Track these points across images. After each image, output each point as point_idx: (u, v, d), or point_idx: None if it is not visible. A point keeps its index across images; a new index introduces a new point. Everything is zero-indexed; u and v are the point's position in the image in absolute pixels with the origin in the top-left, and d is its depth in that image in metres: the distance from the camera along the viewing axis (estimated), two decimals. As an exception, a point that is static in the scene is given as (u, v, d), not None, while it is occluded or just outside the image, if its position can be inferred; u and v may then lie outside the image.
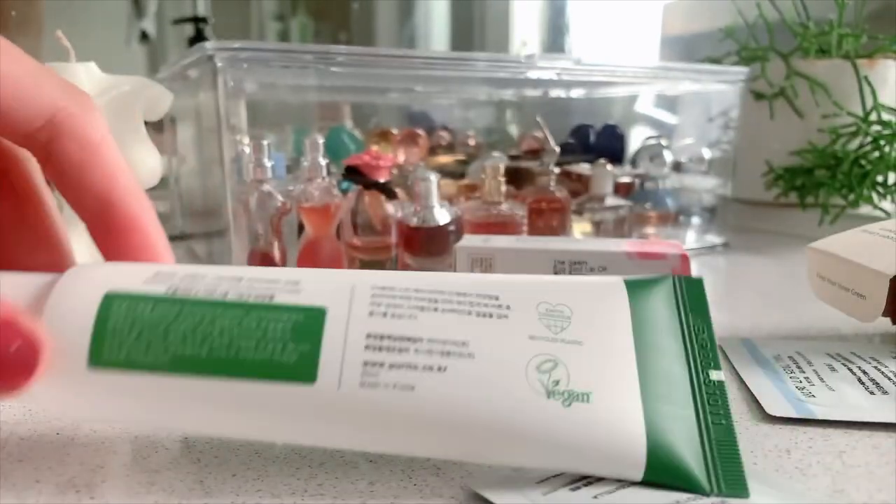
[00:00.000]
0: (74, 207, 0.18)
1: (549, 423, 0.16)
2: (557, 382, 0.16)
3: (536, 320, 0.17)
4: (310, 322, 0.16)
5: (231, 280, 0.17)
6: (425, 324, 0.16)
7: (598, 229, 0.47)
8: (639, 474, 0.16)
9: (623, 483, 0.16)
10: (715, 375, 0.17)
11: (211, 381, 0.15)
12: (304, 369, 0.15)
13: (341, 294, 0.17)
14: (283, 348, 0.16)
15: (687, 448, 0.16)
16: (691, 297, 0.19)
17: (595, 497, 0.15)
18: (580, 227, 0.47)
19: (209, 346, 0.16)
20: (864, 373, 0.24)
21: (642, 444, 0.16)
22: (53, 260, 0.19)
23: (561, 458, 0.16)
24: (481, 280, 0.18)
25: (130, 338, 0.16)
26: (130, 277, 0.17)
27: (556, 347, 0.17)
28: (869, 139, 0.51)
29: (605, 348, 0.17)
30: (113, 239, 0.18)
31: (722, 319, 0.34)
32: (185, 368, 0.15)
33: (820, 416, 0.21)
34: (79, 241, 0.21)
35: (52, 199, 0.20)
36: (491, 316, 0.17)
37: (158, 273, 0.17)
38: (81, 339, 0.16)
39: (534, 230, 0.44)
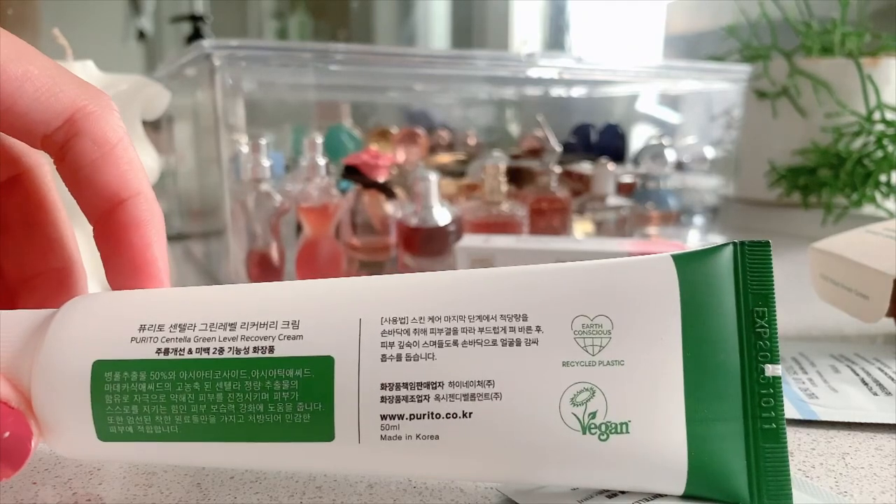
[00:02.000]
0: (84, 208, 0.17)
1: (586, 461, 0.15)
2: (594, 415, 0.15)
3: (571, 341, 0.15)
4: (318, 377, 0.15)
5: (223, 329, 0.15)
6: (445, 364, 0.15)
7: (600, 229, 0.47)
8: (679, 491, 0.15)
9: (662, 494, 0.16)
10: (771, 371, 0.15)
11: (225, 445, 0.15)
12: (319, 430, 0.15)
13: (348, 336, 0.15)
14: (293, 410, 0.15)
15: (731, 462, 0.15)
16: (754, 271, 0.16)
17: None
18: (581, 227, 0.47)
19: (215, 414, 0.15)
20: (868, 374, 0.24)
21: (683, 468, 0.15)
22: (62, 266, 0.19)
23: (596, 486, 0.16)
24: (507, 288, 0.16)
25: (132, 411, 0.15)
26: (115, 334, 0.15)
27: (593, 373, 0.15)
28: (872, 138, 0.51)
29: (649, 366, 0.15)
30: (114, 242, 0.17)
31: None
32: (196, 437, 0.15)
33: (823, 418, 0.21)
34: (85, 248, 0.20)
35: (62, 207, 0.19)
36: (519, 343, 0.15)
37: (143, 326, 0.15)
38: (82, 413, 0.15)
39: (535, 230, 0.43)
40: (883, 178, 0.52)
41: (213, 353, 0.15)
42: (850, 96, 0.53)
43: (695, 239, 0.54)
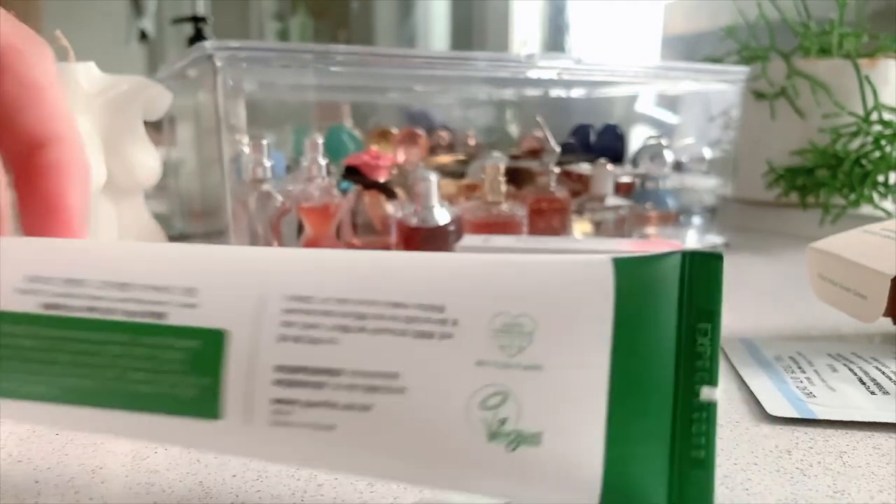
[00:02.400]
0: (4, 152, 0.16)
1: (488, 471, 0.13)
2: (504, 421, 0.13)
3: (489, 339, 0.14)
4: (208, 350, 0.14)
5: (116, 289, 0.14)
6: (348, 350, 0.14)
7: (599, 229, 0.47)
8: None
9: None
10: (706, 394, 0.14)
11: (108, 412, 0.14)
12: (205, 406, 0.14)
13: (246, 310, 0.14)
14: (180, 382, 0.14)
15: (651, 488, 0.13)
16: (701, 285, 0.14)
17: None
18: (580, 228, 0.47)
19: (99, 379, 0.14)
20: (865, 373, 0.24)
21: (596, 491, 0.13)
22: None
23: (498, 499, 0.14)
24: (427, 279, 0.14)
25: (11, 367, 0.14)
26: (3, 281, 0.14)
27: (508, 376, 0.14)
28: (870, 139, 0.51)
29: (570, 373, 0.14)
30: (30, 187, 0.16)
31: (722, 320, 0.34)
32: (77, 400, 0.14)
33: (821, 417, 0.21)
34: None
35: None
36: (432, 336, 0.14)
37: (32, 278, 0.14)
38: None
39: (534, 230, 0.44)
40: (880, 178, 0.52)
41: (102, 313, 0.14)
42: (847, 97, 0.53)
43: (693, 239, 0.54)
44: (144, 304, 0.14)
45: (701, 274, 0.14)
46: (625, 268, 0.14)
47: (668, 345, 0.14)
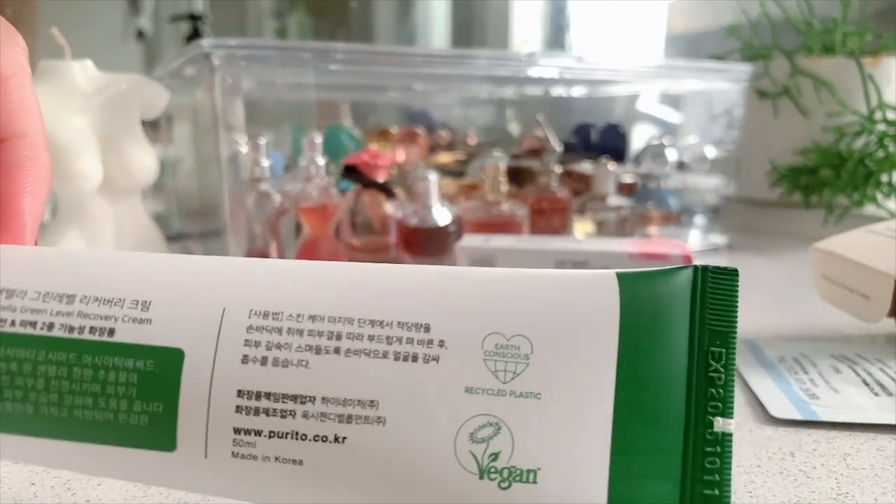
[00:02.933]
0: None
1: None
2: (496, 456, 0.12)
3: (480, 362, 0.12)
4: (162, 372, 0.12)
5: (58, 301, 0.13)
6: (320, 375, 0.12)
7: (600, 229, 0.47)
8: None
9: None
10: (721, 425, 0.12)
11: (48, 443, 0.13)
12: (158, 436, 0.12)
13: (206, 327, 0.12)
14: (128, 408, 0.12)
15: None
16: (715, 303, 0.13)
17: None
18: (582, 227, 0.47)
19: (34, 403, 0.12)
20: (869, 374, 0.24)
21: None
22: None
23: None
24: (412, 295, 0.13)
25: None
26: None
27: (501, 405, 0.12)
28: (873, 138, 0.51)
29: (571, 402, 0.12)
30: None
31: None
32: (12, 428, 0.13)
33: (824, 418, 0.21)
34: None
35: None
36: (416, 359, 0.12)
37: None
38: None
39: (535, 230, 0.43)
40: (884, 177, 0.52)
41: (41, 328, 0.13)
42: (851, 96, 0.53)
43: (696, 239, 0.54)
44: (90, 318, 0.13)
45: (714, 292, 0.13)
46: (631, 284, 0.13)
47: (679, 371, 0.13)
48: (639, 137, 0.63)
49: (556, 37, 1.05)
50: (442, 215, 0.38)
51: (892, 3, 0.63)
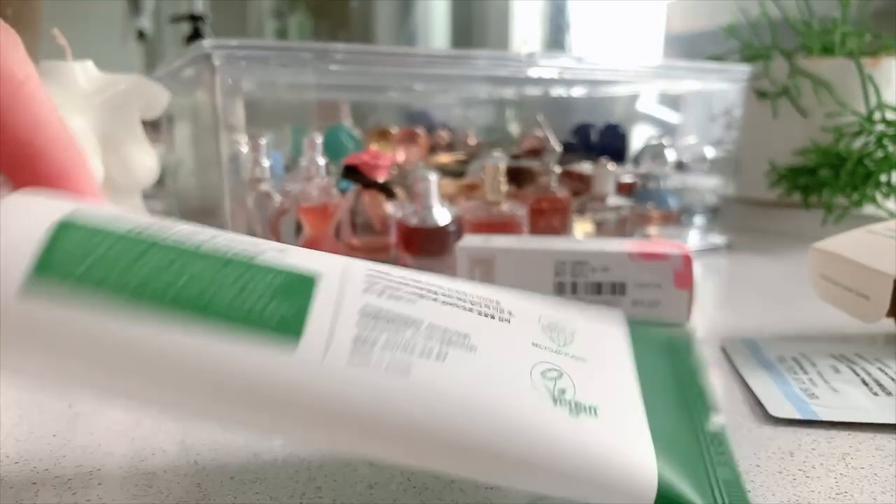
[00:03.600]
0: None
1: (557, 432, 0.14)
2: (564, 391, 0.15)
3: (539, 331, 0.16)
4: (298, 284, 0.14)
5: (209, 235, 0.15)
6: (424, 309, 0.15)
7: (600, 229, 0.47)
8: (652, 485, 0.14)
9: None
10: (714, 426, 0.17)
11: (170, 323, 0.13)
12: (289, 326, 0.13)
13: (334, 267, 0.15)
14: (265, 305, 0.13)
15: (696, 482, 0.15)
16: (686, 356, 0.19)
17: None
18: (582, 228, 0.47)
19: (174, 292, 0.13)
20: (868, 374, 0.24)
21: (652, 472, 0.14)
22: None
23: (566, 476, 0.14)
24: (480, 286, 0.17)
25: (80, 269, 0.13)
26: (90, 210, 0.14)
27: (560, 359, 0.15)
28: (873, 138, 0.51)
29: (609, 371, 0.16)
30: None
31: (725, 320, 0.34)
32: (142, 303, 0.13)
33: (823, 418, 0.21)
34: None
35: None
36: (493, 317, 0.16)
37: (123, 217, 0.14)
38: (18, 264, 0.12)
39: (535, 230, 0.43)
40: (883, 178, 0.52)
41: (193, 245, 0.14)
42: (850, 96, 0.53)
43: (695, 239, 0.54)
44: (236, 246, 0.14)
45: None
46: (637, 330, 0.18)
47: (669, 368, 0.18)
48: (638, 138, 0.63)
49: (556, 37, 1.05)
50: (442, 215, 0.38)
51: (891, 3, 0.63)
